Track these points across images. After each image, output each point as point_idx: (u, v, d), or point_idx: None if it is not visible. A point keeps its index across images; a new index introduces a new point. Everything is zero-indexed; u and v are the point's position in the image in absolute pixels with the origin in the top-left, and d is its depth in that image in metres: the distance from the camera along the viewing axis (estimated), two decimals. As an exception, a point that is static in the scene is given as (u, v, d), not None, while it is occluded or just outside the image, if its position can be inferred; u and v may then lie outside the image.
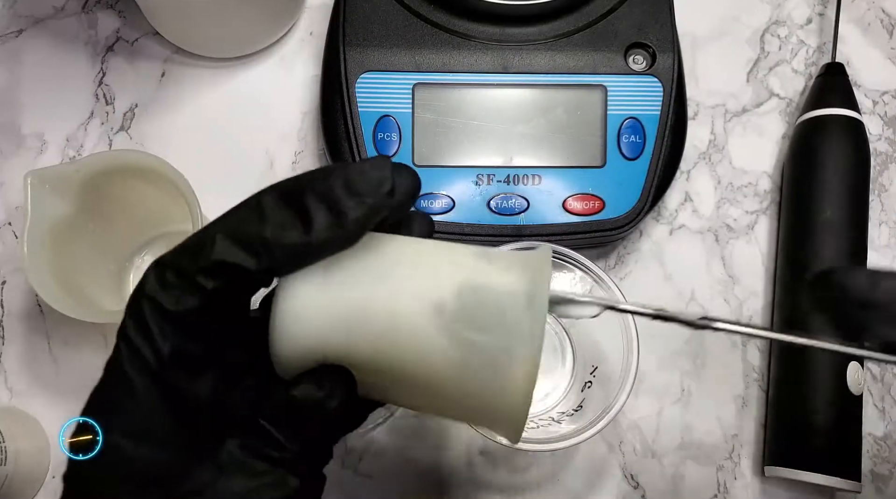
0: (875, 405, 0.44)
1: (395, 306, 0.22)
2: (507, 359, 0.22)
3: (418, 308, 0.22)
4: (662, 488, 0.42)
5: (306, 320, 0.22)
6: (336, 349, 0.23)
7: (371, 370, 0.23)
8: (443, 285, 0.23)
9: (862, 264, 0.43)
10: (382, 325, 0.22)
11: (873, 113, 0.49)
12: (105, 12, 0.49)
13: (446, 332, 0.22)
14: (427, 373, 0.23)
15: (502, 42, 0.43)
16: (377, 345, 0.23)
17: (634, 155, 0.42)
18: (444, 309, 0.22)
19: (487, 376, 0.22)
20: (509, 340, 0.22)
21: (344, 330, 0.22)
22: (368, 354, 0.23)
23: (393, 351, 0.23)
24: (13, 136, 0.46)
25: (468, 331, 0.22)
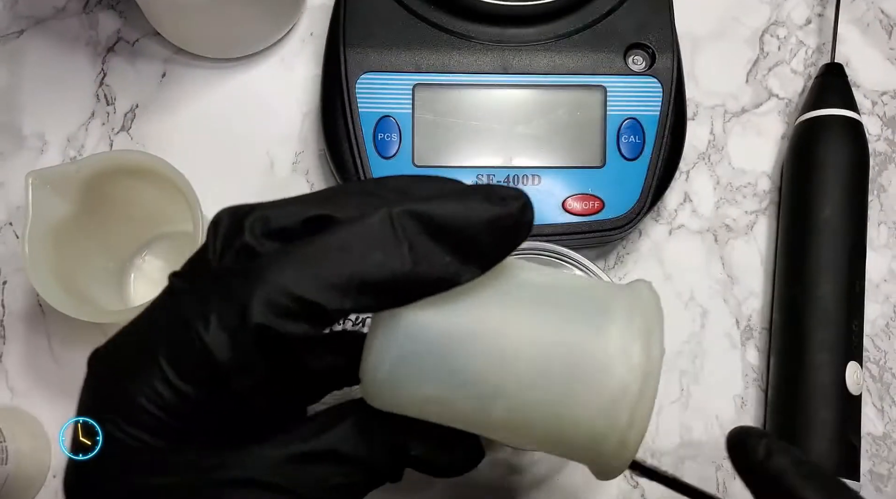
0: (874, 405, 0.44)
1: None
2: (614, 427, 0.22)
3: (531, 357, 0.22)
4: (662, 487, 0.42)
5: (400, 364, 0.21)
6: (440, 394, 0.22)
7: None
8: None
9: (861, 264, 0.43)
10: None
11: (872, 113, 0.49)
12: (106, 13, 0.49)
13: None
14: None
15: (502, 43, 0.43)
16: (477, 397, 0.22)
17: (634, 155, 0.42)
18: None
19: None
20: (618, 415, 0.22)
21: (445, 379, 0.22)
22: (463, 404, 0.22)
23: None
24: (14, 136, 0.46)
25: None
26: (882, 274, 0.46)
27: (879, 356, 0.45)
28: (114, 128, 0.47)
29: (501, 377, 0.22)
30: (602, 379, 0.22)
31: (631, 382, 0.22)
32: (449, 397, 0.22)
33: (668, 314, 0.45)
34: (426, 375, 0.22)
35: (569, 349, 0.22)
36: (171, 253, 0.44)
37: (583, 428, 0.22)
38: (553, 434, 0.23)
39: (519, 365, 0.21)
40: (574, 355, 0.22)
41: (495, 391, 0.22)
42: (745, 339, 0.45)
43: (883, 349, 0.45)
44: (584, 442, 0.22)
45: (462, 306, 0.22)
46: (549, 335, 0.22)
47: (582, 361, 0.22)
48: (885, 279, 0.46)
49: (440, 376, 0.22)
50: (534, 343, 0.22)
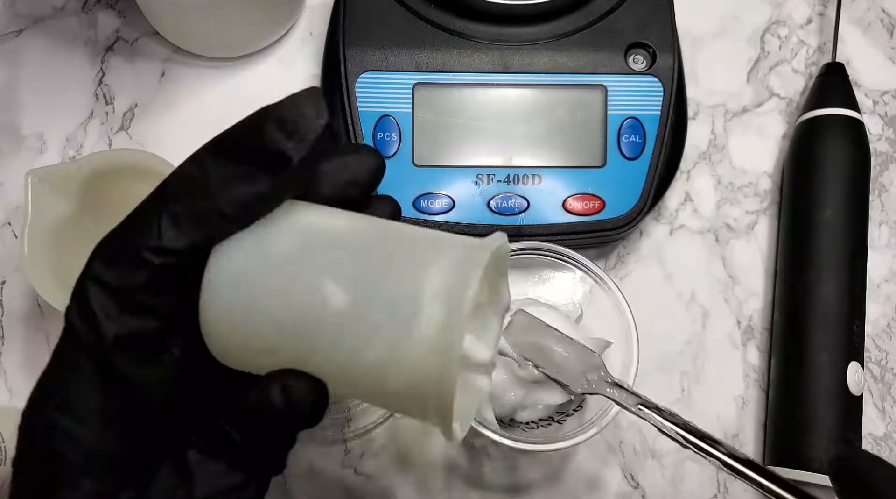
0: (875, 405, 0.44)
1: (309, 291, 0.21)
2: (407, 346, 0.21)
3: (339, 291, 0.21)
4: (662, 488, 0.42)
5: (238, 289, 0.21)
6: (265, 329, 0.21)
7: (296, 351, 0.22)
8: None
9: (862, 264, 0.43)
10: (300, 304, 0.21)
11: (873, 113, 0.49)
12: (105, 12, 0.49)
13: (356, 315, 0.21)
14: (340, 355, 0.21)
15: (502, 42, 0.43)
16: (305, 343, 0.21)
17: (634, 155, 0.42)
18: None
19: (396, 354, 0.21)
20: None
21: (276, 307, 0.21)
22: (294, 351, 0.21)
23: (308, 338, 0.21)
24: (13, 135, 0.46)
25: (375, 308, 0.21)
26: (883, 274, 0.46)
27: (881, 356, 0.45)
28: (113, 127, 0.47)
29: (314, 332, 0.21)
30: (410, 340, 0.21)
31: (436, 345, 0.21)
32: (276, 348, 0.21)
33: (668, 315, 0.46)
34: (251, 326, 0.21)
35: (383, 307, 0.21)
36: (170, 253, 0.43)
37: (402, 385, 0.21)
38: (377, 391, 0.22)
39: (331, 319, 0.21)
40: (387, 312, 0.21)
41: (310, 346, 0.21)
42: (746, 339, 0.45)
43: (884, 349, 0.45)
44: (408, 401, 0.22)
45: (278, 250, 0.22)
46: (363, 290, 0.21)
47: (394, 319, 0.21)
48: (886, 279, 0.46)
49: (263, 328, 0.21)
50: (347, 294, 0.21)
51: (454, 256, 0.21)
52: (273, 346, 0.21)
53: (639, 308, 0.38)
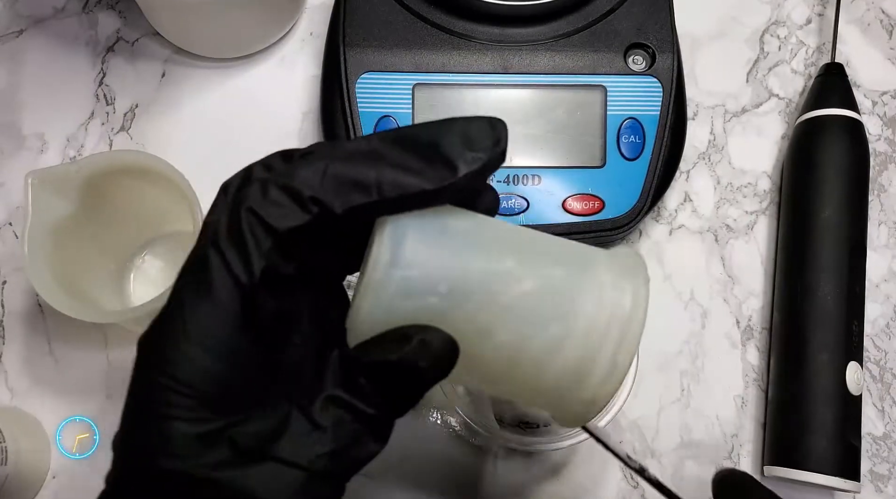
0: (874, 405, 0.44)
1: (498, 286, 0.22)
2: (589, 369, 0.22)
3: (526, 289, 0.22)
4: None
5: (410, 268, 0.22)
6: (430, 310, 0.22)
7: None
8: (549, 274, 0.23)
9: (861, 264, 0.43)
10: (482, 300, 0.22)
11: (872, 113, 0.49)
12: (105, 13, 0.49)
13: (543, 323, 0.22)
14: (519, 357, 0.23)
15: (502, 43, 0.43)
16: (473, 317, 0.22)
17: (634, 155, 0.42)
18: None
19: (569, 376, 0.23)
20: (595, 354, 0.22)
21: (446, 291, 0.22)
22: (460, 323, 0.22)
23: (489, 329, 0.22)
24: (14, 136, 0.46)
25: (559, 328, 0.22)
26: (882, 274, 0.46)
27: (880, 356, 0.45)
28: (113, 128, 0.47)
29: (486, 310, 0.22)
30: (589, 317, 0.22)
31: (617, 320, 0.23)
32: (444, 312, 0.22)
33: (668, 314, 0.46)
34: (427, 285, 0.22)
35: (561, 287, 0.23)
36: (170, 253, 0.43)
37: (569, 361, 0.23)
38: (535, 367, 0.23)
39: (515, 295, 0.22)
40: (566, 293, 0.23)
41: (476, 325, 0.22)
42: (745, 339, 0.45)
43: (883, 349, 0.45)
44: (546, 398, 0.23)
45: (468, 223, 0.23)
46: (544, 270, 0.23)
47: (573, 300, 0.23)
48: (885, 279, 0.46)
49: (440, 288, 0.22)
50: (531, 276, 0.22)
51: (619, 266, 0.24)
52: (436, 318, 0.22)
53: (638, 308, 0.38)
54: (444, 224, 0.22)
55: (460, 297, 0.22)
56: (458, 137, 0.22)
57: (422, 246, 0.22)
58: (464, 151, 0.22)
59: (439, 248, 0.22)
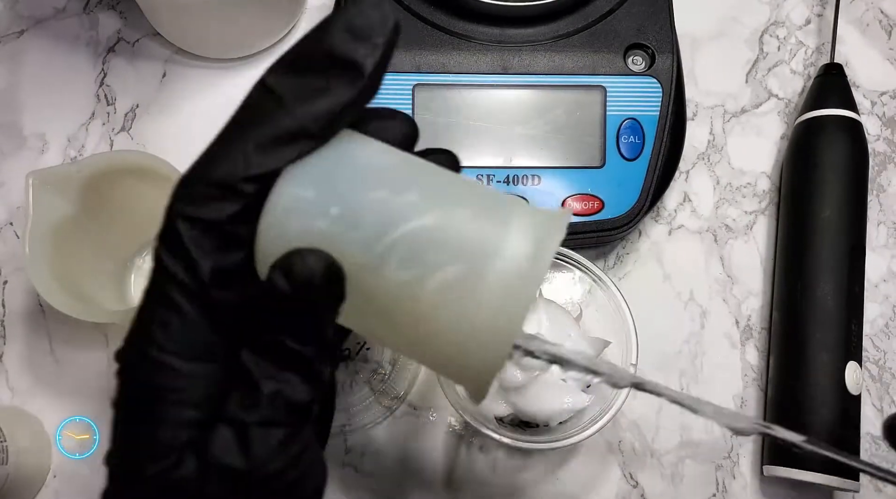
0: (873, 405, 0.44)
1: (382, 222, 0.21)
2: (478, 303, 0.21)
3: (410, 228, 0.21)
4: (661, 487, 0.42)
5: (303, 187, 0.21)
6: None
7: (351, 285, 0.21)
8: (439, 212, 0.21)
9: (860, 264, 0.43)
10: (369, 234, 0.21)
11: (872, 113, 0.49)
12: (106, 13, 0.49)
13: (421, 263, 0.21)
14: (403, 301, 0.21)
15: (502, 43, 0.43)
16: (365, 247, 0.21)
17: (633, 155, 0.42)
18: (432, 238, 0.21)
19: (459, 314, 0.21)
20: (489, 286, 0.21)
21: (337, 214, 0.21)
22: (350, 251, 0.21)
23: (374, 271, 0.21)
24: (15, 136, 0.46)
25: (444, 264, 0.21)
26: (881, 274, 0.46)
27: (879, 356, 0.45)
28: (114, 128, 0.47)
29: (401, 224, 0.21)
30: (489, 263, 0.21)
31: (512, 284, 0.21)
32: (334, 237, 0.21)
33: (667, 314, 0.46)
34: (318, 207, 0.21)
35: (464, 228, 0.21)
36: (171, 253, 0.43)
37: (464, 306, 0.21)
38: (424, 327, 0.22)
39: (411, 229, 0.21)
40: (468, 234, 0.21)
41: (373, 262, 0.21)
42: (744, 339, 0.45)
43: (882, 349, 0.45)
44: (451, 351, 0.22)
45: (383, 150, 0.22)
46: (449, 208, 0.21)
47: (474, 242, 0.21)
48: (884, 279, 0.46)
49: (332, 211, 0.21)
50: (441, 214, 0.21)
51: (532, 219, 0.22)
52: (334, 237, 0.21)
53: (638, 308, 0.38)
54: (351, 151, 0.21)
55: (351, 222, 0.21)
56: (346, 33, 0.20)
57: (318, 169, 0.21)
58: (358, 45, 0.20)
59: (340, 170, 0.21)
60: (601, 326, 0.39)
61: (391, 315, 0.22)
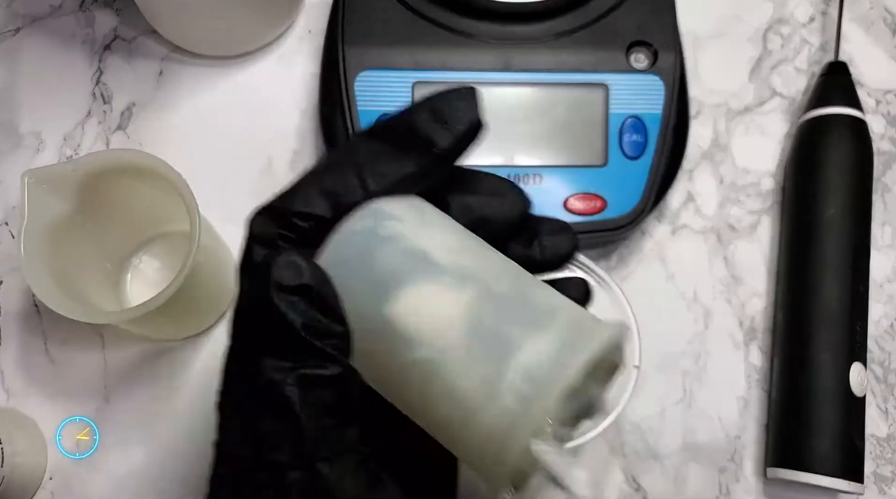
0: (878, 406, 0.44)
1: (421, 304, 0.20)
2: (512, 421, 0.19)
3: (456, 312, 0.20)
4: (664, 489, 0.42)
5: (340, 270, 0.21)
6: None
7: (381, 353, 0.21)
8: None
9: (865, 264, 0.42)
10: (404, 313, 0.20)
11: (876, 112, 0.49)
12: (102, 11, 0.48)
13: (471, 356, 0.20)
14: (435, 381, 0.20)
15: (503, 40, 0.43)
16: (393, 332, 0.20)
17: (636, 154, 0.42)
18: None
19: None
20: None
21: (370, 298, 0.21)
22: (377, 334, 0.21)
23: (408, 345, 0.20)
24: (10, 135, 0.46)
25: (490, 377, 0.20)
26: (886, 274, 0.46)
27: (883, 357, 0.44)
28: (110, 126, 0.46)
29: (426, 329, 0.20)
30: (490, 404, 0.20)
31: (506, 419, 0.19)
32: (371, 331, 0.21)
33: (670, 315, 0.45)
34: (364, 284, 0.21)
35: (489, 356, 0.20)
36: (167, 253, 0.43)
37: (476, 435, 0.20)
38: (437, 427, 0.21)
39: (450, 331, 0.20)
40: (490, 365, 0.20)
41: (415, 341, 0.20)
42: (748, 340, 0.44)
43: (887, 350, 0.45)
44: (471, 455, 0.21)
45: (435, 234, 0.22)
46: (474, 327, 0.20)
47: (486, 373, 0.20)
48: (889, 279, 0.46)
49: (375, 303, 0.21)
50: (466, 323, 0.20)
51: (560, 336, 0.20)
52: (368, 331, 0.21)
53: (640, 308, 0.38)
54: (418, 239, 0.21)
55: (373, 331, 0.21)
56: (428, 114, 0.22)
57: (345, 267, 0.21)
58: (436, 126, 0.22)
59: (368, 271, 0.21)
60: (603, 327, 0.39)
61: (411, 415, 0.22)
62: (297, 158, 0.46)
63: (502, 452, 0.20)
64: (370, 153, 0.22)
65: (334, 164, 0.22)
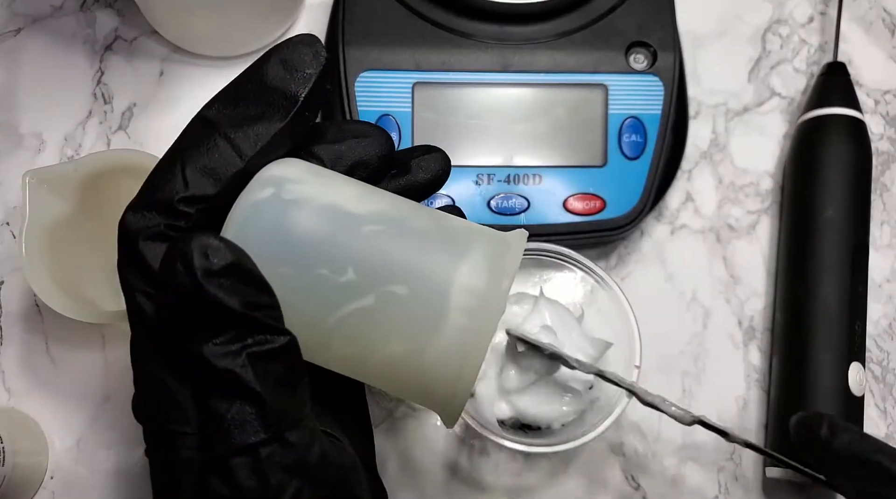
0: (877, 406, 0.44)
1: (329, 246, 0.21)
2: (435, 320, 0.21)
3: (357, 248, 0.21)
4: (663, 489, 0.42)
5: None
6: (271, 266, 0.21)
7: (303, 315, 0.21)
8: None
9: (864, 264, 0.42)
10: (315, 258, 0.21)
11: (875, 112, 0.49)
12: (103, 11, 0.48)
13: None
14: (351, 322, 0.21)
15: (503, 41, 0.43)
16: (309, 321, 0.21)
17: (635, 154, 0.42)
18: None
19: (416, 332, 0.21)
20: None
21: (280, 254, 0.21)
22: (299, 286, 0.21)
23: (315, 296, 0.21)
24: (11, 135, 0.46)
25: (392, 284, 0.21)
26: (885, 274, 0.46)
27: (882, 357, 0.45)
28: (111, 127, 0.46)
29: (328, 320, 0.21)
30: (440, 321, 0.21)
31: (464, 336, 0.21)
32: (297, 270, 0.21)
33: (670, 315, 0.45)
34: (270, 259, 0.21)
35: (405, 306, 0.21)
36: (169, 253, 0.43)
37: (415, 378, 0.21)
38: (386, 380, 0.22)
39: (351, 311, 0.21)
40: (411, 313, 0.21)
41: (322, 337, 0.21)
42: (747, 339, 0.45)
43: (886, 350, 0.45)
44: (417, 393, 0.22)
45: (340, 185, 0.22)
46: (389, 284, 0.21)
47: (418, 314, 0.21)
48: (887, 279, 0.46)
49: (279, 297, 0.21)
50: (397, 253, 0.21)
51: (484, 253, 0.22)
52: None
53: (640, 308, 0.38)
54: (294, 215, 0.21)
55: (290, 304, 0.21)
56: (278, 66, 0.22)
57: (255, 241, 0.21)
58: (289, 76, 0.22)
59: (278, 246, 0.21)
60: (603, 326, 0.39)
61: (349, 372, 0.22)
62: (298, 158, 0.46)
63: (464, 366, 0.21)
64: (232, 119, 0.22)
65: (197, 139, 0.22)
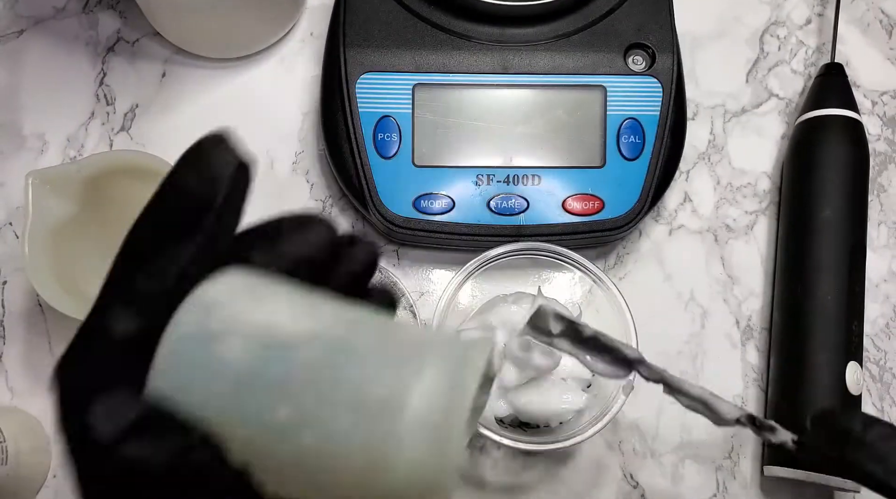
0: (874, 405, 0.44)
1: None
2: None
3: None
4: (662, 487, 0.42)
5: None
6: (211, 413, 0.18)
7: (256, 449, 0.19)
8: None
9: (861, 264, 0.43)
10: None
11: (872, 113, 0.49)
12: (106, 13, 0.49)
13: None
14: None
15: (502, 43, 0.43)
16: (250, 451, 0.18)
17: (634, 155, 0.42)
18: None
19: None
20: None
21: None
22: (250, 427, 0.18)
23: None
24: (14, 136, 0.46)
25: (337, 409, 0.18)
26: (882, 274, 0.46)
27: (879, 356, 0.45)
28: (114, 128, 0.47)
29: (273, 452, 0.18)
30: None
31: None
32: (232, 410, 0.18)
33: (668, 315, 0.46)
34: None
35: (345, 444, 0.18)
36: (171, 253, 0.43)
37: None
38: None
39: (290, 450, 0.18)
40: (350, 451, 0.18)
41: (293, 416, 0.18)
42: (745, 339, 0.45)
43: (883, 349, 0.45)
44: None
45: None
46: (329, 421, 0.18)
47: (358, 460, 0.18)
48: (884, 279, 0.46)
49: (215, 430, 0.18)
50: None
51: (441, 370, 0.19)
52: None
53: (638, 308, 0.38)
54: (222, 347, 0.18)
55: (227, 436, 0.18)
56: (191, 173, 0.21)
57: (180, 377, 0.18)
58: (206, 182, 0.21)
59: (210, 382, 0.18)
60: (601, 326, 0.39)
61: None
62: (299, 159, 0.46)
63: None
64: (152, 244, 0.20)
65: (118, 275, 0.21)
